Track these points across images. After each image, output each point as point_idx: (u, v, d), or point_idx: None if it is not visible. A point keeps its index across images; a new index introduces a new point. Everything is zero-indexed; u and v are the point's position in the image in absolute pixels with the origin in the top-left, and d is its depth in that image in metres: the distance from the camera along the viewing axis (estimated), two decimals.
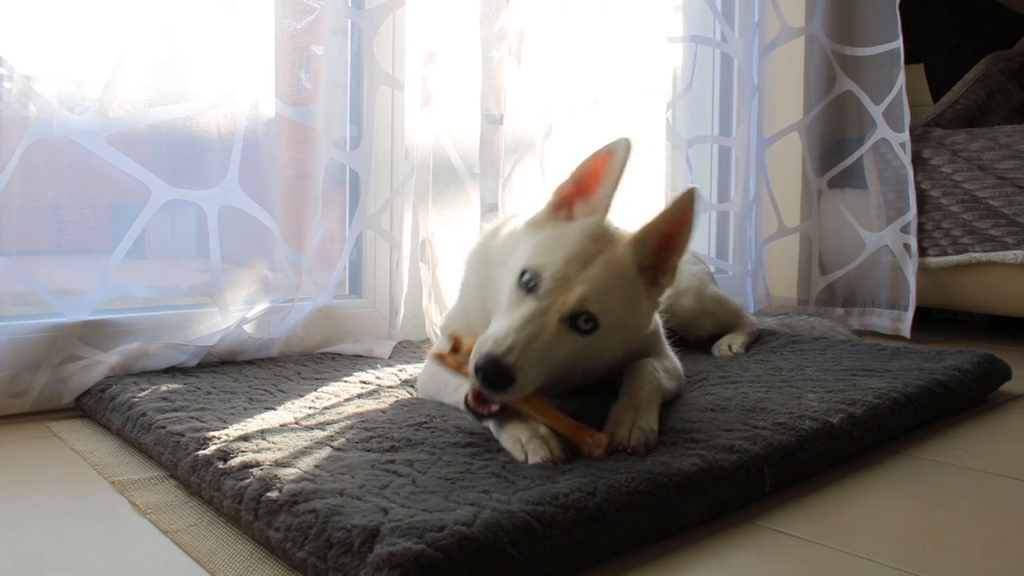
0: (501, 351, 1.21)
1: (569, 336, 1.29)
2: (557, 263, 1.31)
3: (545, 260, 1.32)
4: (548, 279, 1.30)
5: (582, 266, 1.32)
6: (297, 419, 1.45)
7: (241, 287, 1.95)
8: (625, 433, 1.28)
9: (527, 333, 1.24)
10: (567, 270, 1.30)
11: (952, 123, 3.19)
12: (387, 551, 0.89)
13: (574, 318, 1.29)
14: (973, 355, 2.04)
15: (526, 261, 1.34)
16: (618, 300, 1.34)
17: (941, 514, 1.24)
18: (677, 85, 2.88)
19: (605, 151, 1.40)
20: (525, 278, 1.32)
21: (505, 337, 1.23)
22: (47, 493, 1.28)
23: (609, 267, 1.34)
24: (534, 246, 1.38)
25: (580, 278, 1.30)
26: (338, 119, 2.22)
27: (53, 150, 1.71)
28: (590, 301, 1.29)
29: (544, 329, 1.26)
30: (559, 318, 1.28)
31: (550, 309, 1.28)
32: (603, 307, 1.30)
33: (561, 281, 1.30)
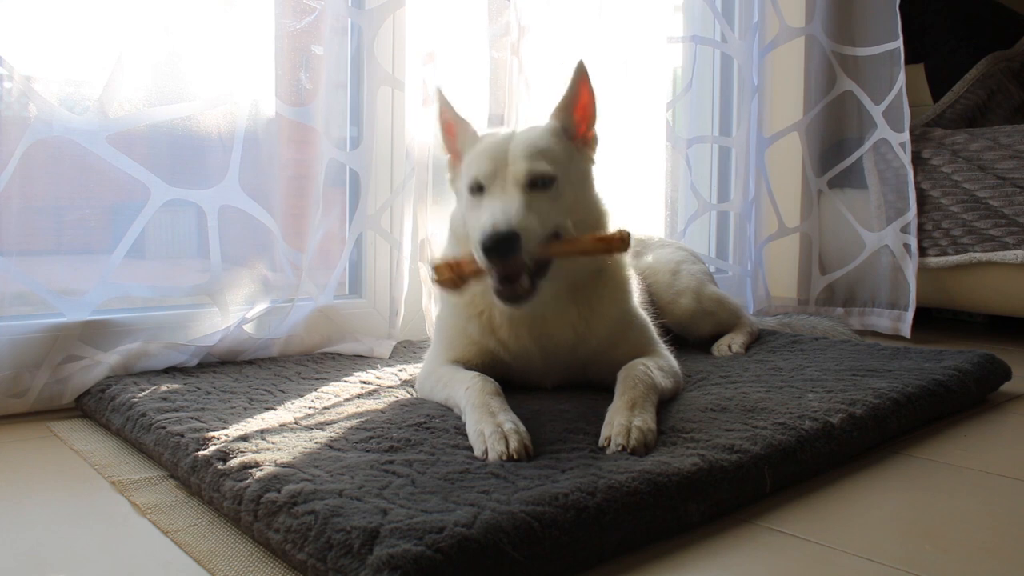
0: (494, 223, 1.35)
1: (536, 195, 1.45)
2: (484, 160, 1.50)
3: (475, 166, 1.51)
4: (486, 175, 1.48)
5: (503, 147, 1.51)
6: (297, 419, 1.45)
7: (241, 287, 1.95)
8: (623, 433, 1.28)
9: (501, 207, 1.39)
10: (494, 158, 1.49)
11: (952, 123, 3.19)
12: (387, 553, 0.89)
13: (531, 182, 1.46)
14: (973, 355, 2.04)
15: (466, 182, 1.53)
16: (556, 152, 1.53)
17: (941, 514, 1.24)
18: (677, 85, 2.88)
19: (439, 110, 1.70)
20: (474, 187, 1.49)
21: (491, 217, 1.37)
22: (47, 493, 1.28)
23: (530, 134, 1.55)
24: (463, 174, 1.57)
25: (512, 154, 1.48)
26: (338, 119, 2.22)
27: (53, 150, 1.71)
28: (531, 163, 1.47)
29: (513, 199, 1.42)
30: (519, 188, 1.44)
31: (507, 188, 1.45)
32: (548, 161, 1.49)
33: (495, 166, 1.48)
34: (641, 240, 2.39)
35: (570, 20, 2.46)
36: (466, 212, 1.54)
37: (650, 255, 2.33)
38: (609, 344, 1.63)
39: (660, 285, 2.24)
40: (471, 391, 1.43)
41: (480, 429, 1.29)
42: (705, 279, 2.33)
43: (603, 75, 2.57)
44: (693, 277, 2.28)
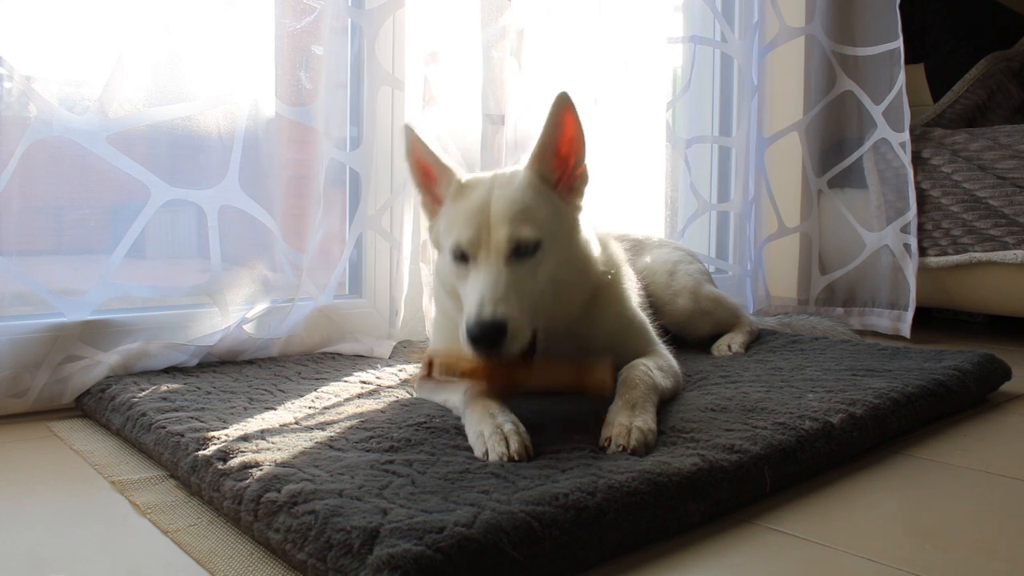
0: (479, 311, 1.29)
1: (522, 267, 1.38)
2: (464, 225, 1.40)
3: (456, 231, 1.42)
4: (468, 242, 1.39)
5: (484, 210, 1.41)
6: (297, 419, 1.45)
7: (241, 287, 1.95)
8: (624, 434, 1.28)
9: (490, 288, 1.33)
10: (475, 223, 1.40)
11: (952, 123, 3.19)
12: (387, 552, 0.89)
13: (516, 252, 1.38)
14: (973, 355, 2.04)
15: (448, 246, 1.44)
16: (538, 211, 1.43)
17: (941, 514, 1.24)
18: (677, 85, 2.88)
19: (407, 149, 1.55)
20: (457, 254, 1.42)
21: (477, 303, 1.31)
22: (47, 493, 1.28)
23: (509, 193, 1.43)
24: (443, 231, 1.48)
25: (494, 219, 1.39)
26: (338, 119, 2.22)
27: (53, 150, 1.71)
28: (513, 229, 1.38)
29: (499, 277, 1.34)
30: (503, 260, 1.36)
31: (490, 259, 1.37)
32: (531, 225, 1.39)
33: (477, 234, 1.39)
34: (639, 241, 2.39)
35: (570, 20, 2.46)
36: (450, 272, 1.45)
37: (648, 255, 2.33)
38: (609, 348, 1.60)
39: (657, 286, 2.24)
40: (469, 392, 1.43)
41: (480, 430, 1.29)
42: (702, 279, 2.33)
43: (603, 75, 2.57)
44: (690, 277, 2.27)
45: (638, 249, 2.35)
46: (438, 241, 1.54)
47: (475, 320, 1.28)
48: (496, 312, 1.29)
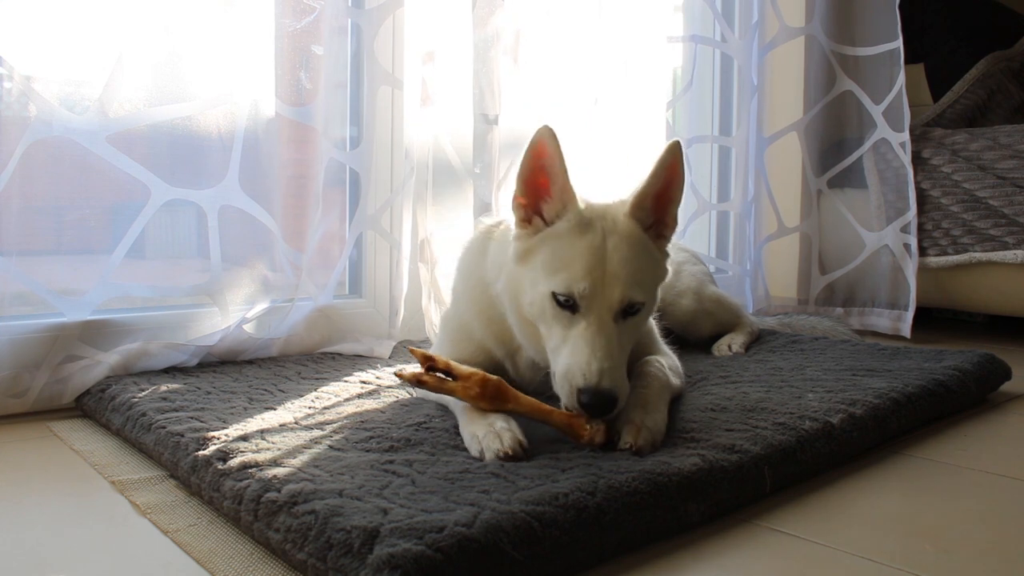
0: (597, 380, 1.27)
1: (626, 326, 1.37)
2: (580, 274, 1.34)
3: (568, 276, 1.34)
4: (582, 293, 1.33)
5: (601, 261, 1.35)
6: (297, 419, 1.45)
7: (241, 287, 1.95)
8: (634, 431, 1.28)
9: (602, 350, 1.30)
10: (592, 275, 1.34)
11: (952, 123, 3.19)
12: (387, 552, 0.89)
13: (624, 312, 1.36)
14: (973, 355, 2.04)
15: (552, 285, 1.35)
16: (646, 271, 1.41)
17: (941, 514, 1.24)
18: (677, 85, 2.88)
19: (533, 147, 1.39)
20: (560, 299, 1.34)
21: (589, 364, 1.28)
22: (47, 493, 1.28)
23: (624, 247, 1.37)
24: (546, 266, 1.38)
25: (609, 275, 1.34)
26: (338, 119, 2.22)
27: (53, 150, 1.71)
28: (629, 291, 1.35)
29: (610, 337, 1.32)
30: (612, 318, 1.34)
31: (602, 317, 1.33)
32: (641, 287, 1.38)
33: (593, 287, 1.33)
34: None
35: (569, 20, 2.45)
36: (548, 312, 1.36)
37: None
38: None
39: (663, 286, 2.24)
40: None
41: (473, 431, 1.29)
42: (705, 279, 2.33)
43: (602, 75, 2.57)
44: (694, 278, 2.28)
45: None
46: (526, 259, 1.42)
47: (593, 388, 1.26)
48: (612, 383, 1.27)
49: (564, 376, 1.31)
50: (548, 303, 1.36)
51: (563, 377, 1.31)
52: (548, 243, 1.40)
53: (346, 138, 2.29)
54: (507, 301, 1.50)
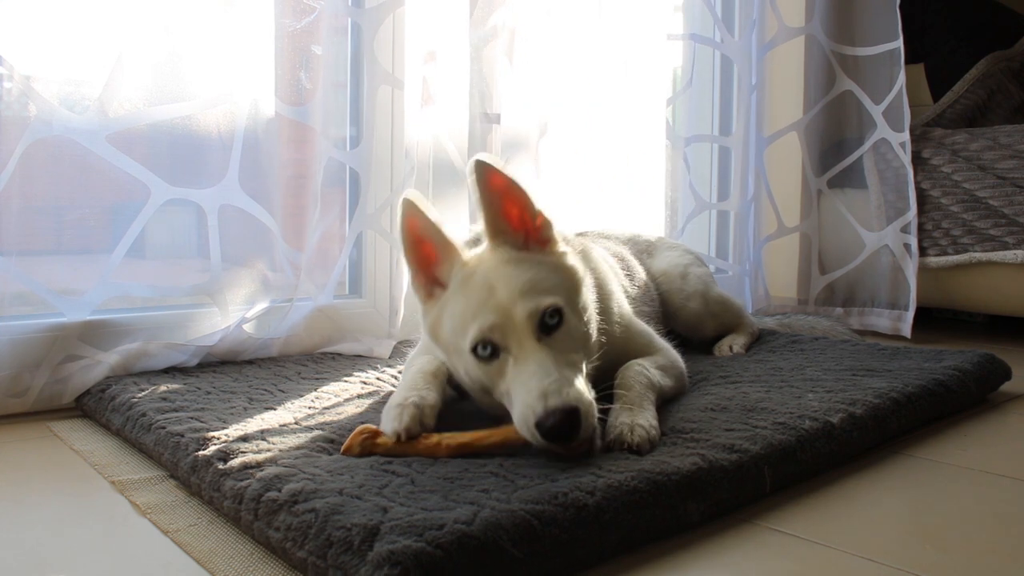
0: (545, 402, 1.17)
1: (554, 341, 1.27)
2: (478, 315, 1.27)
3: (471, 326, 1.28)
4: (491, 328, 1.26)
5: (492, 295, 1.28)
6: (297, 419, 1.45)
7: (241, 287, 1.95)
8: (627, 432, 1.28)
9: (535, 376, 1.21)
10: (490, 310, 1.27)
11: (952, 123, 3.19)
12: (387, 549, 0.89)
13: (542, 327, 1.27)
14: (973, 355, 2.04)
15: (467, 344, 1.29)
16: (544, 279, 1.31)
17: (941, 514, 1.24)
18: (677, 84, 2.88)
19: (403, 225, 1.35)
20: (480, 352, 1.28)
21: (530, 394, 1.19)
22: (47, 493, 1.28)
23: (505, 273, 1.31)
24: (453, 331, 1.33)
25: (505, 302, 1.27)
26: (338, 118, 2.22)
27: (53, 150, 1.71)
28: (530, 303, 1.27)
29: (541, 359, 1.23)
30: (535, 341, 1.25)
31: (523, 344, 1.25)
32: (544, 293, 1.28)
33: (497, 319, 1.26)
34: (651, 243, 2.40)
35: (568, 19, 2.46)
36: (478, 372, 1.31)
37: (660, 258, 2.33)
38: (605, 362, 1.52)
39: (672, 291, 2.25)
40: (415, 371, 1.43)
41: (390, 404, 1.29)
42: (710, 282, 2.34)
43: (602, 74, 2.57)
44: (700, 280, 2.29)
45: (650, 251, 2.36)
46: (439, 334, 1.38)
47: (545, 412, 1.16)
48: (565, 398, 1.17)
49: (523, 424, 1.21)
50: (471, 361, 1.29)
51: (522, 421, 1.21)
52: (446, 307, 1.35)
53: (346, 138, 2.29)
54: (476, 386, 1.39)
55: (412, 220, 1.35)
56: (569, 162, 2.51)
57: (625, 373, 1.50)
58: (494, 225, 1.35)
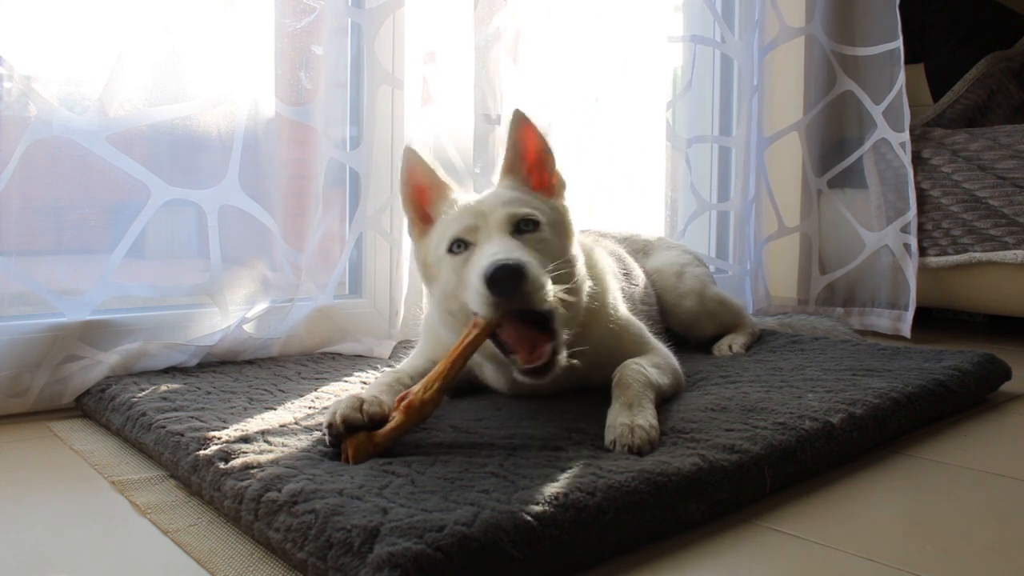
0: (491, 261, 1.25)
1: (525, 239, 1.37)
2: (463, 217, 1.41)
3: (455, 225, 1.41)
4: (469, 228, 1.39)
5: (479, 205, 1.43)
6: (297, 419, 1.45)
7: (241, 287, 1.95)
8: (627, 433, 1.28)
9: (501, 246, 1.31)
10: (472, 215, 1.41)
11: (952, 123, 3.19)
12: (387, 551, 0.89)
13: (516, 226, 1.39)
14: (973, 355, 2.04)
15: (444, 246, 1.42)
16: (529, 201, 1.45)
17: (941, 514, 1.24)
18: (677, 85, 2.88)
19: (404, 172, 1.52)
20: (454, 249, 1.40)
21: (489, 256, 1.28)
22: (47, 493, 1.28)
23: (498, 191, 1.47)
24: (438, 242, 1.45)
25: (488, 208, 1.41)
26: (338, 119, 2.22)
27: (53, 150, 1.71)
28: (511, 208, 1.39)
29: (508, 240, 1.34)
30: (506, 233, 1.36)
31: (492, 236, 1.36)
32: (527, 206, 1.41)
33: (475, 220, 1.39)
34: (648, 242, 2.40)
35: (569, 20, 2.46)
36: (449, 269, 1.41)
37: (656, 258, 2.34)
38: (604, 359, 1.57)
39: (666, 288, 2.26)
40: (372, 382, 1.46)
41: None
42: (708, 281, 2.34)
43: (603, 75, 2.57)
44: (697, 279, 2.29)
45: (647, 250, 2.36)
46: (427, 261, 1.50)
47: (492, 264, 1.24)
48: (515, 257, 1.26)
49: (474, 289, 1.30)
50: (446, 262, 1.41)
51: (474, 291, 1.30)
52: (436, 229, 1.48)
53: (346, 138, 2.29)
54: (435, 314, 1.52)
55: (413, 167, 1.51)
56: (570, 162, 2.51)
57: (623, 372, 1.50)
58: (511, 168, 1.51)
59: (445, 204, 1.49)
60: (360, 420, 1.24)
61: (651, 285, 2.24)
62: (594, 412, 1.44)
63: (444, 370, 1.29)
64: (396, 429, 1.25)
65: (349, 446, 1.22)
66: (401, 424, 1.25)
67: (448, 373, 1.29)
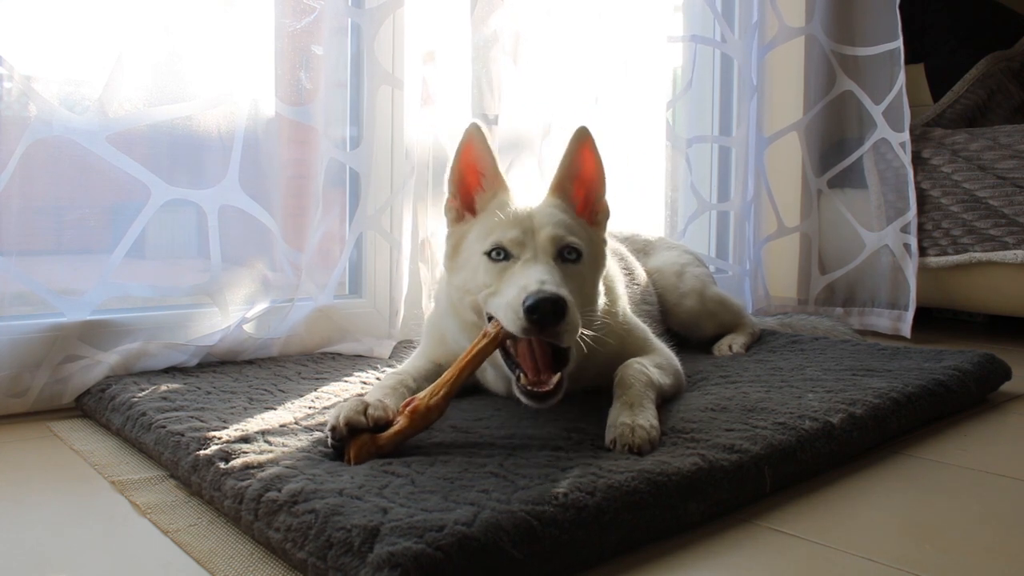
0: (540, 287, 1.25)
1: (565, 269, 1.37)
2: (508, 226, 1.38)
3: (500, 231, 1.38)
4: (512, 240, 1.37)
5: (528, 217, 1.40)
6: (297, 419, 1.45)
7: (241, 287, 1.95)
8: (628, 433, 1.28)
9: (544, 273, 1.29)
10: (521, 225, 1.38)
11: (952, 123, 3.19)
12: (387, 551, 0.89)
13: (560, 252, 1.37)
14: (973, 355, 2.04)
15: (484, 246, 1.39)
16: (576, 229, 1.44)
17: (941, 514, 1.24)
18: (677, 85, 2.88)
19: (463, 146, 1.47)
20: (494, 256, 1.38)
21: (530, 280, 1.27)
22: (47, 493, 1.28)
23: (548, 208, 1.44)
24: (477, 238, 1.42)
25: (537, 224, 1.38)
26: (338, 119, 2.22)
27: (53, 150, 1.71)
28: (559, 231, 1.38)
29: (551, 267, 1.33)
30: (551, 257, 1.35)
31: (537, 255, 1.35)
32: (573, 235, 1.40)
33: (523, 234, 1.37)
34: (649, 242, 2.41)
35: (569, 20, 2.45)
36: (483, 271, 1.39)
37: (657, 258, 2.34)
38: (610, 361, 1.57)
39: (666, 288, 2.26)
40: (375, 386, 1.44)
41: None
42: (708, 281, 2.35)
43: (603, 75, 2.57)
44: (697, 279, 2.29)
45: (647, 250, 2.37)
46: (459, 248, 1.47)
47: (538, 291, 1.23)
48: (558, 290, 1.25)
49: (508, 304, 1.28)
50: (481, 262, 1.39)
51: (507, 306, 1.28)
52: (477, 223, 1.45)
53: (346, 138, 2.29)
54: (444, 305, 1.51)
55: (472, 144, 1.47)
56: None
57: (624, 372, 1.50)
58: (560, 184, 1.49)
59: (494, 201, 1.46)
60: (364, 423, 1.24)
61: (652, 286, 2.24)
62: (594, 412, 1.44)
63: (452, 377, 1.29)
64: (400, 433, 1.25)
65: (352, 447, 1.22)
66: (405, 429, 1.25)
67: (455, 380, 1.29)
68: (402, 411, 1.27)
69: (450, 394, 1.28)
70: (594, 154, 1.47)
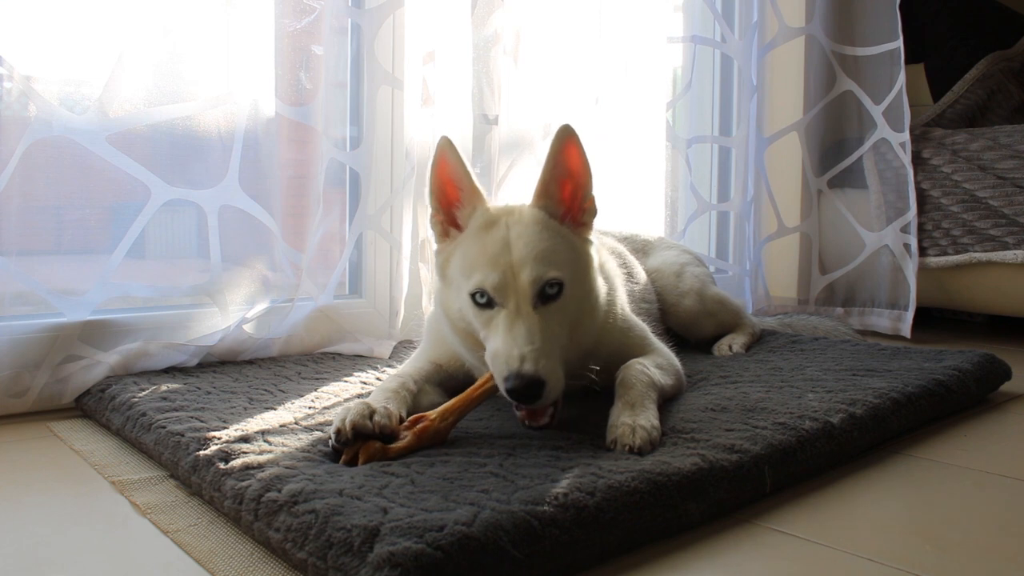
0: (518, 365, 1.26)
1: (549, 311, 1.35)
2: (487, 268, 1.35)
3: (478, 273, 1.36)
4: (494, 286, 1.34)
5: (506, 250, 1.36)
6: (297, 419, 1.45)
7: (241, 287, 1.95)
8: (628, 433, 1.28)
9: (522, 336, 1.29)
10: (500, 266, 1.35)
11: (952, 123, 3.19)
12: (387, 550, 0.89)
13: (542, 295, 1.34)
14: (973, 355, 2.04)
15: (468, 286, 1.38)
16: (559, 252, 1.39)
17: (941, 514, 1.24)
18: (677, 85, 2.88)
19: (436, 162, 1.44)
20: (478, 299, 1.36)
21: (510, 350, 1.28)
22: (47, 493, 1.28)
23: (528, 233, 1.38)
24: (461, 269, 1.41)
25: (516, 262, 1.35)
26: (338, 119, 2.22)
27: (53, 150, 1.71)
28: (538, 271, 1.34)
29: (530, 323, 1.31)
30: (531, 306, 1.33)
31: (520, 305, 1.33)
32: (554, 266, 1.36)
33: (503, 277, 1.34)
34: (648, 242, 2.41)
35: (569, 20, 2.45)
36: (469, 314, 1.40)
37: (656, 257, 2.34)
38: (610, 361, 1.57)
39: (665, 287, 2.26)
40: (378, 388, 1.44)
41: None
42: (708, 280, 2.34)
43: (603, 75, 2.57)
44: (696, 279, 2.29)
45: (647, 250, 2.36)
46: (446, 271, 1.46)
47: (515, 372, 1.25)
48: (537, 368, 1.26)
49: (492, 365, 1.32)
50: (469, 307, 1.38)
51: (494, 366, 1.31)
52: (460, 247, 1.43)
53: (346, 138, 2.29)
54: (442, 318, 1.51)
55: (445, 159, 1.43)
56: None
57: (626, 372, 1.50)
58: (545, 187, 1.44)
59: (474, 216, 1.43)
60: (370, 429, 1.24)
61: (651, 285, 2.24)
62: (594, 412, 1.44)
63: (462, 406, 1.35)
64: (407, 449, 1.26)
65: (362, 453, 1.22)
66: (412, 445, 1.27)
67: (465, 410, 1.35)
68: (410, 425, 1.29)
69: (458, 421, 1.34)
70: (579, 150, 1.42)
